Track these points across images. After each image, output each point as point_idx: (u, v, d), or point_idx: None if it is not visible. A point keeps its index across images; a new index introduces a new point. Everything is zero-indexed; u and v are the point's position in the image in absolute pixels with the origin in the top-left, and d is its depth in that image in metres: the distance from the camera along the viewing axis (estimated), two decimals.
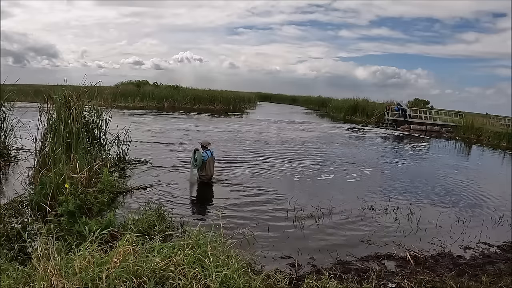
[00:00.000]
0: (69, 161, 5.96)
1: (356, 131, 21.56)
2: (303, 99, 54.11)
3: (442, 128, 24.22)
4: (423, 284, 3.69)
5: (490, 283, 3.85)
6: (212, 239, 3.53)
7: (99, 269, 2.79)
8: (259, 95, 53.22)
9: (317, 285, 3.34)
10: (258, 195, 6.76)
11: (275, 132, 17.59)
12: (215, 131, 16.09)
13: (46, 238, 3.42)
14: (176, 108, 28.80)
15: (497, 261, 4.61)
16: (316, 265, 4.10)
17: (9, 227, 4.09)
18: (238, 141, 13.45)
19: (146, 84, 37.32)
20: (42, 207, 4.80)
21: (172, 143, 11.87)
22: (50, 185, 4.98)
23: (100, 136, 7.80)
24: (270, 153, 11.45)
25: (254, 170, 8.85)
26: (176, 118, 21.45)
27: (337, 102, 36.67)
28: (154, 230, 4.20)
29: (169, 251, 3.21)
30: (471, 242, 5.25)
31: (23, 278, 2.80)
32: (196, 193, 6.96)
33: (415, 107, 28.23)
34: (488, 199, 7.82)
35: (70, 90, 6.99)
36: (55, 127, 6.57)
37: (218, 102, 32.76)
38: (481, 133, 21.81)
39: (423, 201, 7.28)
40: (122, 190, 6.25)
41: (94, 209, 5.00)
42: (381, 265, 4.27)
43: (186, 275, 2.93)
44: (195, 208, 6.16)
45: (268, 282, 3.26)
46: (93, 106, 7.71)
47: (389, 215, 6.17)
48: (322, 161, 10.71)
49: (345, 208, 6.24)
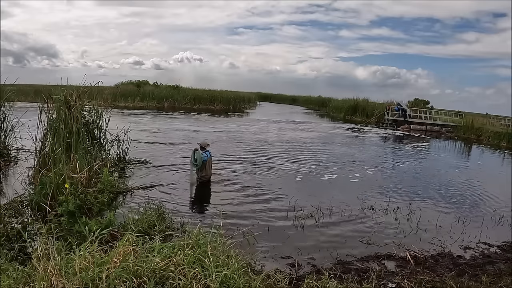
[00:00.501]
0: (69, 161, 5.96)
1: (357, 131, 21.56)
2: (303, 99, 54.10)
3: (442, 128, 24.21)
4: (423, 284, 3.70)
5: (490, 283, 3.85)
6: (212, 239, 3.53)
7: (99, 269, 2.79)
8: (259, 95, 53.20)
9: (317, 285, 3.34)
10: (258, 195, 6.76)
11: (276, 132, 17.58)
12: (215, 131, 16.08)
13: (46, 238, 3.43)
14: (176, 108, 28.79)
15: (497, 261, 4.61)
16: (316, 265, 4.10)
17: (9, 227, 4.10)
18: (239, 142, 13.44)
19: (146, 84, 37.30)
20: (42, 207, 4.80)
21: (172, 143, 11.87)
22: (50, 185, 4.99)
23: (100, 136, 7.80)
24: (272, 153, 11.46)
25: (254, 170, 8.85)
26: (176, 118, 21.45)
27: (337, 102, 36.67)
28: (154, 230, 4.20)
29: (169, 251, 3.21)
30: (471, 242, 5.25)
31: (23, 278, 2.80)
32: (196, 193, 6.96)
33: (415, 107, 28.24)
34: (488, 199, 7.82)
35: (70, 90, 6.99)
36: (55, 127, 6.57)
37: (218, 102, 32.75)
38: (481, 133, 21.81)
39: (423, 201, 7.27)
40: (122, 190, 6.25)
41: (94, 209, 5.00)
42: (381, 265, 4.27)
43: (186, 275, 2.93)
44: (195, 208, 6.17)
45: (268, 282, 3.26)
46: (93, 106, 7.71)
47: (389, 215, 6.17)
48: (324, 161, 10.71)
49: (345, 208, 6.24)
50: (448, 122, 25.35)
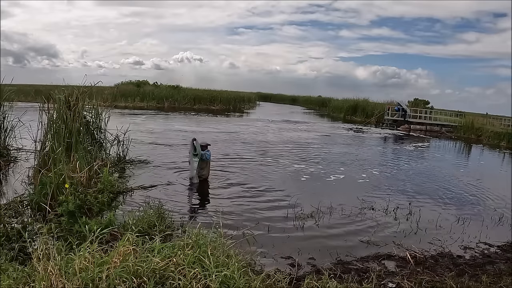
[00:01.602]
0: (69, 161, 5.96)
1: (357, 131, 21.56)
2: (303, 99, 54.11)
3: (442, 128, 24.21)
4: (423, 284, 3.70)
5: (490, 283, 3.85)
6: (212, 239, 3.54)
7: (99, 269, 2.79)
8: (259, 95, 53.19)
9: (317, 285, 3.34)
10: (259, 195, 6.75)
11: (277, 133, 17.55)
12: (215, 131, 16.08)
13: (46, 238, 3.43)
14: (176, 108, 28.80)
15: (497, 261, 4.61)
16: (316, 265, 4.10)
17: (9, 227, 4.08)
18: (240, 142, 13.43)
19: (146, 84, 37.32)
20: (42, 207, 4.79)
21: (172, 143, 11.86)
22: (50, 185, 4.98)
23: (100, 136, 7.80)
24: (273, 153, 11.46)
25: (254, 170, 8.85)
26: (176, 118, 21.45)
27: (337, 102, 36.67)
28: (154, 230, 4.20)
29: (169, 251, 3.21)
30: (471, 242, 5.25)
31: (23, 278, 2.80)
32: (196, 193, 6.96)
33: (415, 107, 28.24)
34: (488, 199, 7.82)
35: (70, 90, 6.99)
36: (55, 127, 6.57)
37: (218, 102, 32.75)
38: (481, 133, 21.81)
39: (423, 201, 7.27)
40: (122, 190, 6.24)
41: (94, 209, 5.00)
42: (381, 265, 4.27)
43: (186, 275, 2.93)
44: (195, 208, 6.17)
45: (268, 282, 3.26)
46: (93, 106, 7.71)
47: (389, 215, 6.17)
48: (327, 161, 10.71)
49: (346, 208, 6.23)
50: (448, 122, 25.35)
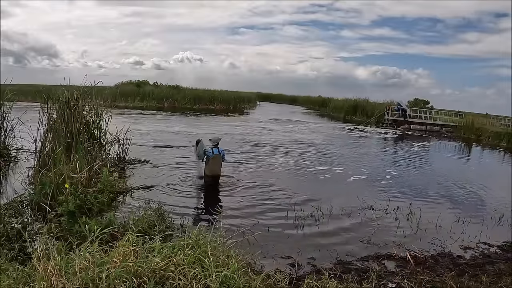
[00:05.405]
0: (69, 161, 5.96)
1: (357, 131, 21.54)
2: (303, 99, 54.03)
3: (442, 128, 24.20)
4: (423, 284, 3.70)
5: (490, 283, 3.85)
6: (212, 239, 3.53)
7: (99, 269, 2.79)
8: (260, 95, 53.10)
9: (317, 285, 3.34)
10: (259, 195, 6.75)
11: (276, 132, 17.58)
12: (214, 132, 16.06)
13: (46, 238, 3.43)
14: (176, 108, 28.79)
15: (497, 261, 4.61)
16: (316, 265, 4.10)
17: (9, 227, 4.08)
18: (240, 142, 13.44)
19: (146, 84, 37.29)
20: (42, 207, 4.79)
21: (172, 143, 11.85)
22: (50, 185, 4.98)
23: (100, 136, 7.80)
24: (274, 153, 11.48)
25: (255, 170, 8.85)
26: (176, 118, 21.44)
27: (337, 102, 36.65)
28: (154, 230, 4.20)
29: (169, 251, 3.21)
30: (471, 242, 5.24)
31: (23, 278, 2.80)
32: (197, 193, 6.95)
33: (415, 107, 28.23)
34: (488, 199, 7.82)
35: (71, 90, 6.99)
36: (56, 127, 6.57)
37: (218, 102, 32.70)
38: (481, 133, 21.78)
39: (423, 201, 7.27)
40: (122, 190, 6.25)
41: (94, 209, 5.00)
42: (381, 265, 4.27)
43: (186, 275, 2.93)
44: (195, 208, 6.16)
45: (268, 282, 3.25)
46: (93, 106, 7.71)
47: (389, 215, 6.17)
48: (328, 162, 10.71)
49: (346, 208, 6.23)
50: (448, 122, 25.33)
